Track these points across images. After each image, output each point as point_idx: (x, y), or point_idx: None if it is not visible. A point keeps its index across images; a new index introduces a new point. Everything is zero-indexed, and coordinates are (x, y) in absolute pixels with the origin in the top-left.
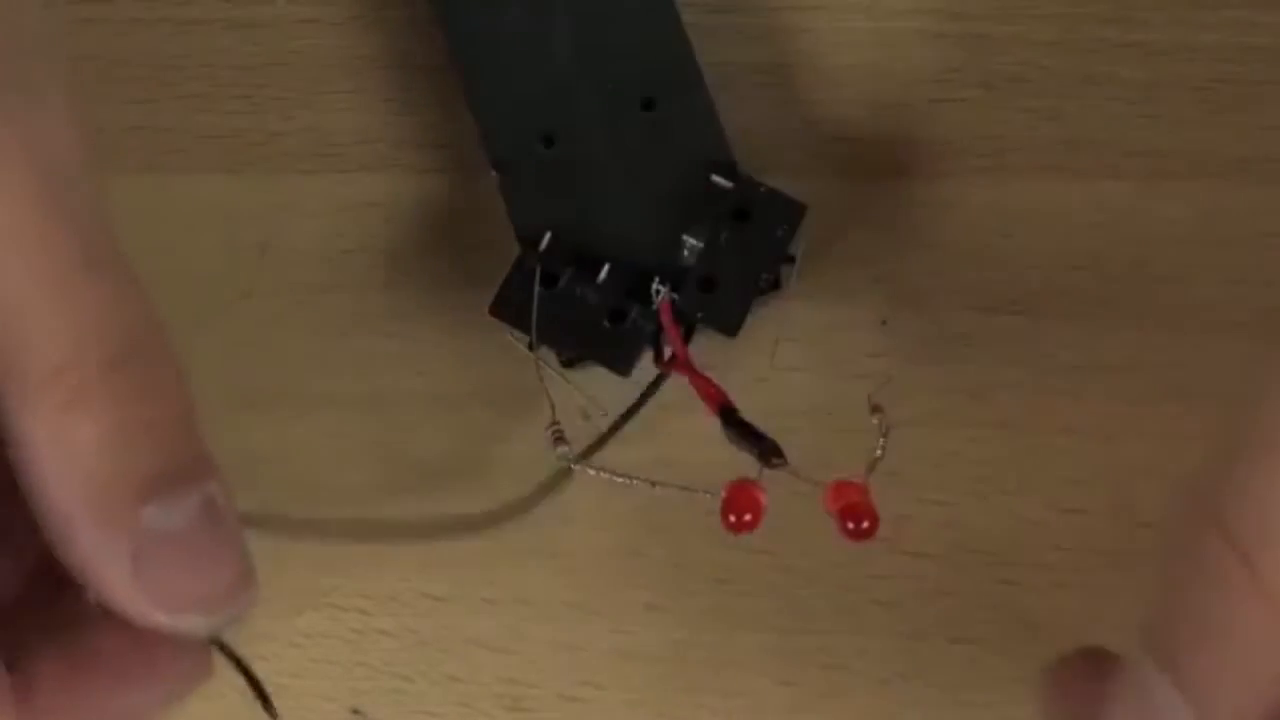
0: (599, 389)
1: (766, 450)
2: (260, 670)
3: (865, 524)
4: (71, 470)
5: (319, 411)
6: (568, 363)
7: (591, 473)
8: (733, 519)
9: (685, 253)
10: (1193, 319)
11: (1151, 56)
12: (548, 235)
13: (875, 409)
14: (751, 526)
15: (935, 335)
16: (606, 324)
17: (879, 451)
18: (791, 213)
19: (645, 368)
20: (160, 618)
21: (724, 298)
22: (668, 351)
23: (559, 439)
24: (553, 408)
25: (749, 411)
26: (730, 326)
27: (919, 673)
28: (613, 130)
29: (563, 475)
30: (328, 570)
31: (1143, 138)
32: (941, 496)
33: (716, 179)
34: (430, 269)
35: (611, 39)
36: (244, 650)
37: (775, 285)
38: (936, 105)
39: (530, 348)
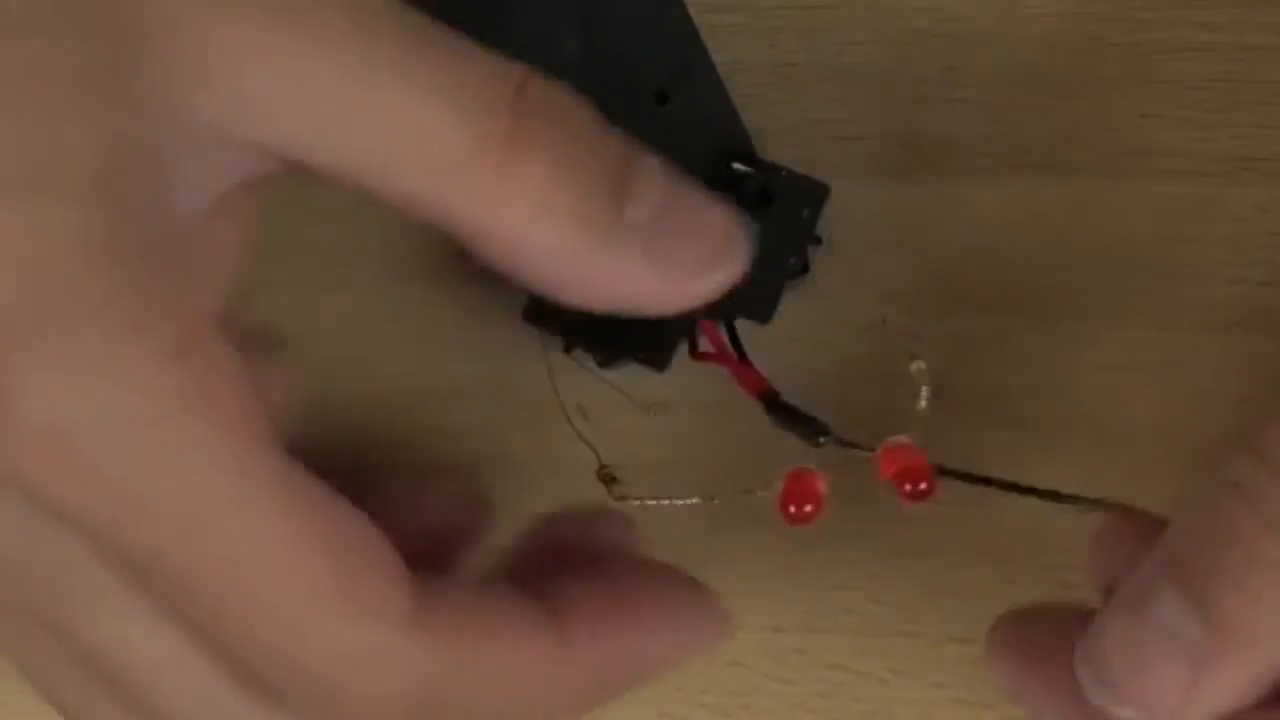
0: (634, 384)
1: (813, 429)
2: None
3: (923, 485)
4: (544, 209)
5: (317, 410)
6: (604, 362)
7: (650, 504)
8: (792, 510)
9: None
10: (1194, 319)
11: (1151, 56)
12: None
13: (914, 357)
14: (812, 518)
15: (935, 335)
16: (638, 321)
17: (923, 402)
18: (815, 193)
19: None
20: (685, 288)
21: (754, 285)
22: (702, 342)
23: (611, 480)
24: (597, 453)
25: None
26: (763, 313)
27: (919, 673)
28: (628, 126)
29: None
30: None
31: (1142, 137)
32: (942, 496)
33: (736, 165)
34: (438, 269)
35: (619, 35)
36: None
37: (804, 269)
38: (936, 105)
39: (566, 351)
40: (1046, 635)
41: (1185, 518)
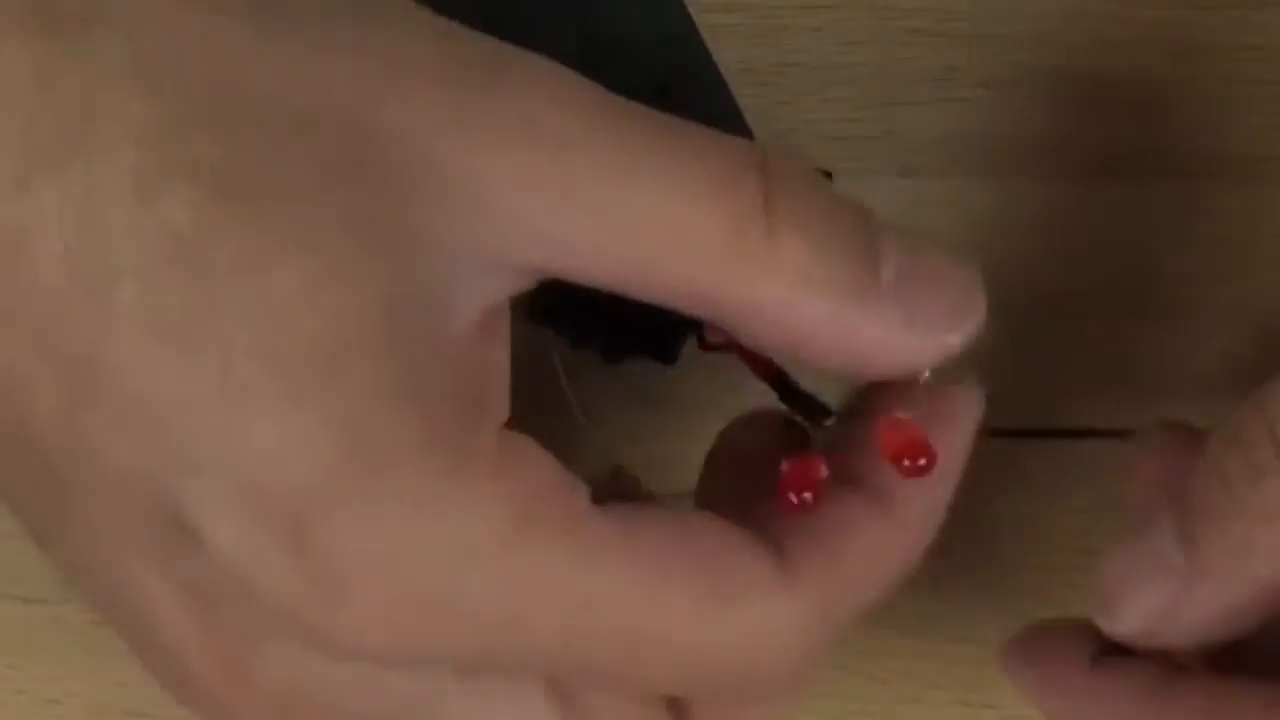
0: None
1: (818, 411)
2: None
3: (922, 461)
4: (809, 285)
5: None
6: (610, 358)
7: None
8: (792, 498)
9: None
10: (1194, 318)
11: (1151, 56)
12: None
13: None
14: (813, 506)
15: None
16: (645, 315)
17: (926, 373)
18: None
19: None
20: (938, 341)
21: None
22: (710, 333)
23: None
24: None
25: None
26: None
27: (919, 672)
28: None
29: None
30: None
31: (1142, 137)
32: None
33: None
34: None
35: (618, 29)
36: None
37: None
38: (936, 105)
39: (574, 348)
40: (1065, 646)
41: (1202, 459)
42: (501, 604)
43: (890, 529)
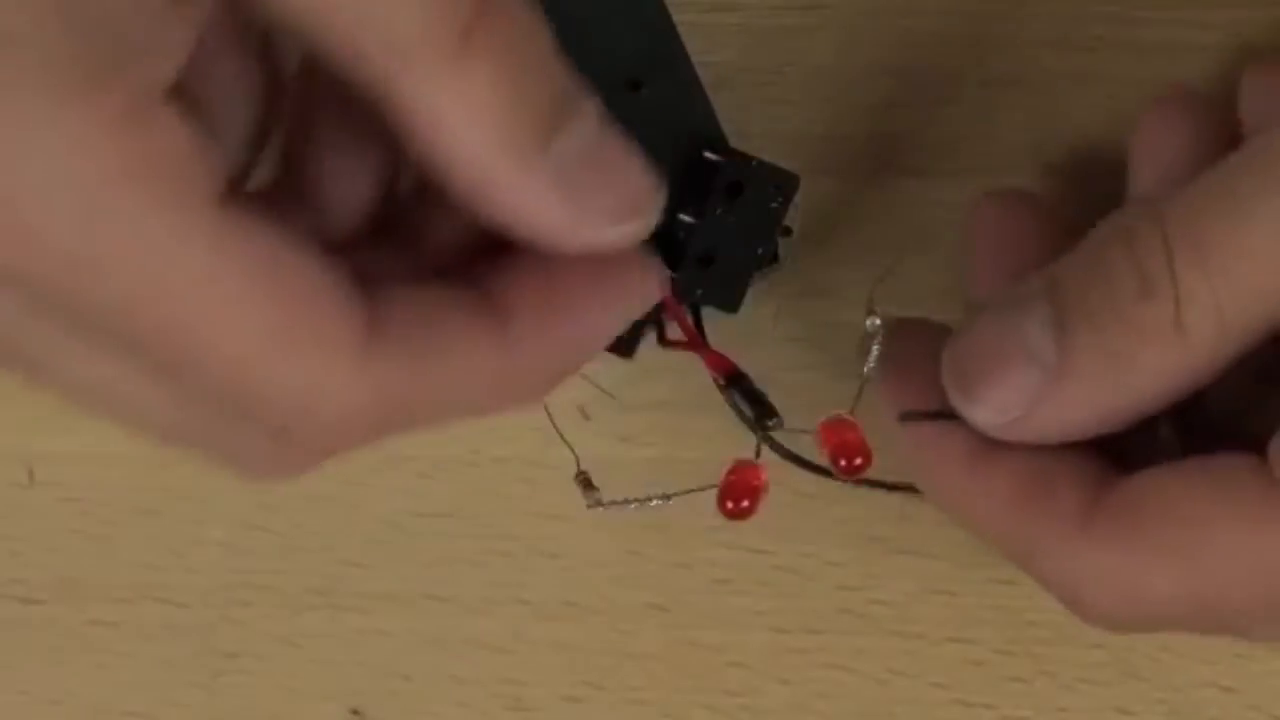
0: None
1: (763, 414)
2: (260, 670)
3: (858, 460)
4: (479, 116)
5: None
6: None
7: (615, 508)
8: (730, 505)
9: (682, 232)
10: None
11: (1150, 56)
12: None
13: (871, 312)
14: (749, 513)
15: None
16: None
17: (871, 362)
18: (785, 184)
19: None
20: (591, 235)
21: (723, 274)
22: (670, 330)
23: (587, 485)
24: (577, 458)
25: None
26: (730, 303)
27: (919, 673)
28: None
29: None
30: (328, 570)
31: None
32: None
33: (708, 154)
34: None
35: (591, 23)
36: (243, 649)
37: (774, 259)
38: (936, 105)
39: None
40: (922, 344)
41: (1084, 244)
42: (82, 242)
43: (496, 352)
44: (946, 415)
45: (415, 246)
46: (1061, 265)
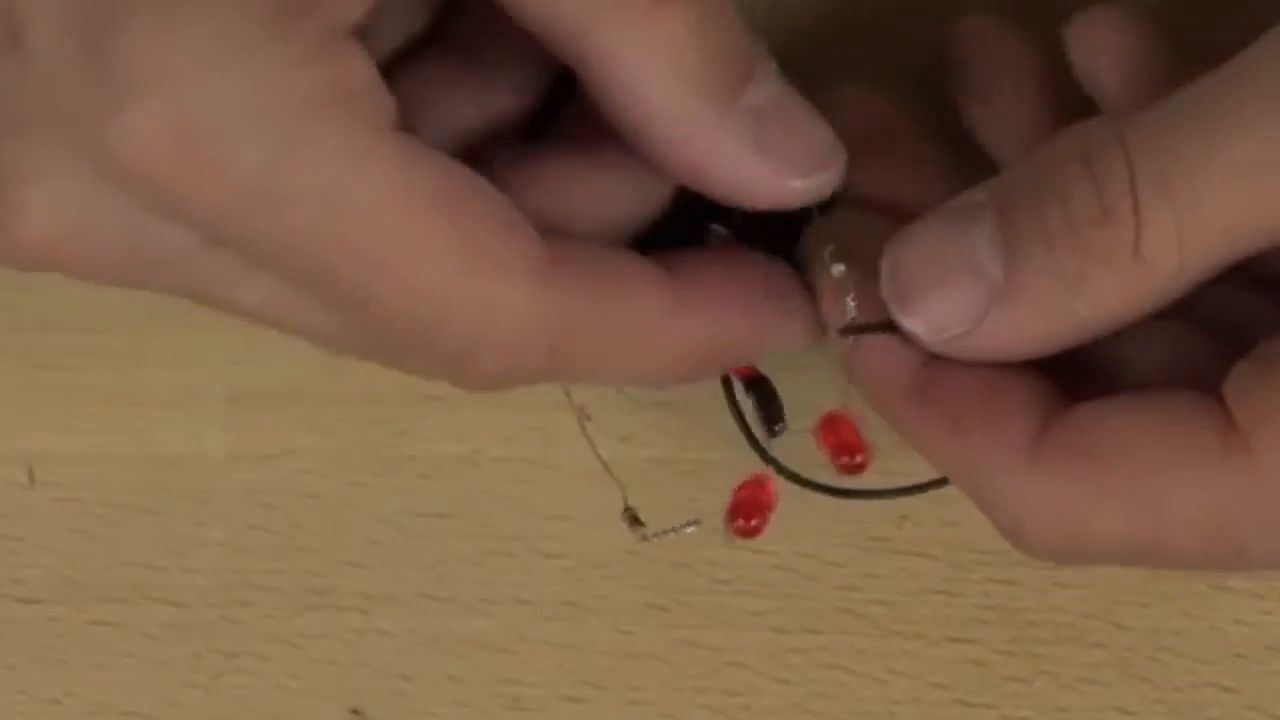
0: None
1: (774, 416)
2: (260, 670)
3: (859, 458)
4: (675, 66)
5: (324, 410)
6: None
7: (668, 537)
8: (740, 523)
9: (712, 240)
10: None
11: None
12: None
13: (834, 260)
14: (758, 531)
15: None
16: None
17: (851, 312)
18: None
19: None
20: (786, 183)
21: None
22: None
23: (635, 521)
24: (625, 494)
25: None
26: None
27: (919, 673)
28: None
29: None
30: (328, 570)
31: None
32: (942, 495)
33: None
34: None
35: None
36: (243, 649)
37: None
38: (936, 105)
39: None
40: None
41: (1039, 158)
42: (267, 176)
43: (665, 311)
44: (888, 328)
45: (589, 208)
46: (1013, 179)
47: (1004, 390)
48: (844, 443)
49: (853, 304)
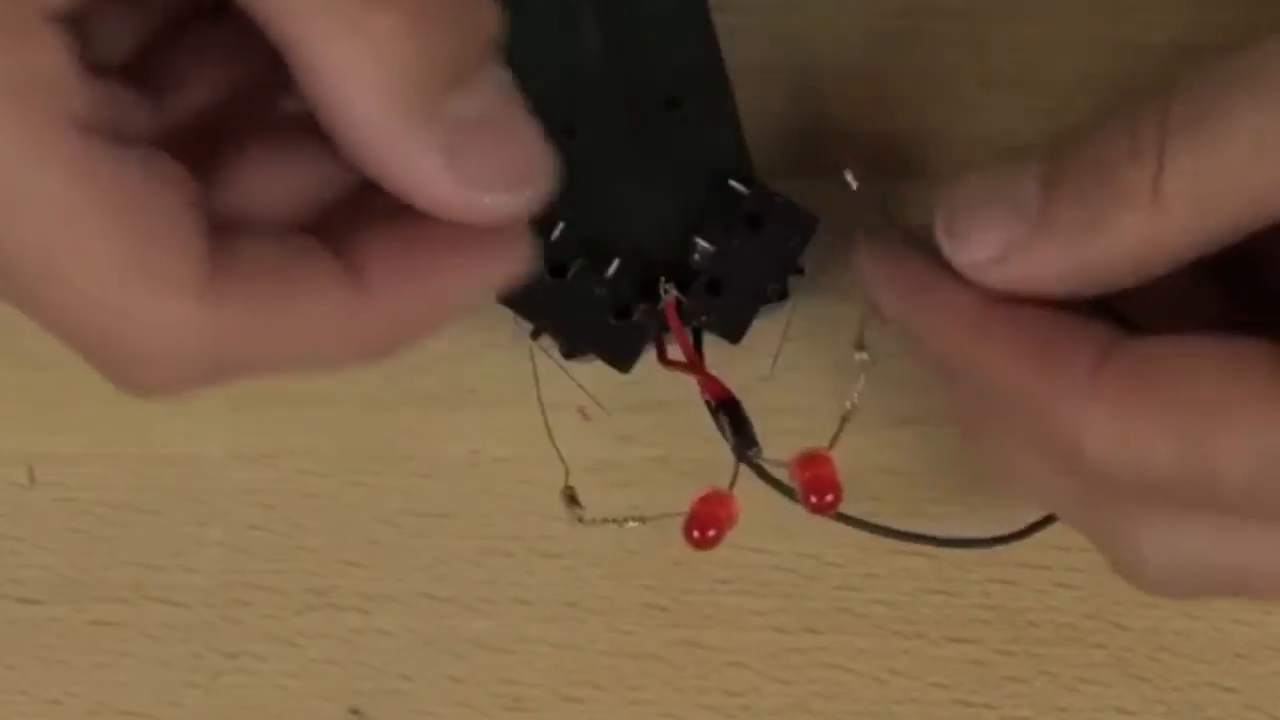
0: (598, 385)
1: (746, 441)
2: (260, 670)
3: (829, 497)
4: (372, 66)
5: (324, 410)
6: (569, 354)
7: (595, 526)
8: (695, 535)
9: (696, 255)
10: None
11: (1151, 56)
12: (560, 226)
13: (860, 348)
14: (714, 543)
15: None
16: (611, 319)
17: (851, 403)
18: (805, 224)
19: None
20: (476, 199)
21: (730, 304)
22: (670, 350)
23: (573, 501)
24: (566, 471)
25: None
26: (733, 333)
27: (919, 673)
28: (634, 126)
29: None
30: (328, 570)
31: None
32: (941, 495)
33: (733, 184)
34: None
35: (640, 35)
36: (242, 649)
37: (782, 296)
38: (936, 105)
39: (533, 336)
40: (922, 258)
41: (1094, 130)
42: None
43: (347, 305)
44: None
45: (271, 196)
46: (1069, 131)
47: (1066, 323)
48: (818, 479)
49: (863, 380)
